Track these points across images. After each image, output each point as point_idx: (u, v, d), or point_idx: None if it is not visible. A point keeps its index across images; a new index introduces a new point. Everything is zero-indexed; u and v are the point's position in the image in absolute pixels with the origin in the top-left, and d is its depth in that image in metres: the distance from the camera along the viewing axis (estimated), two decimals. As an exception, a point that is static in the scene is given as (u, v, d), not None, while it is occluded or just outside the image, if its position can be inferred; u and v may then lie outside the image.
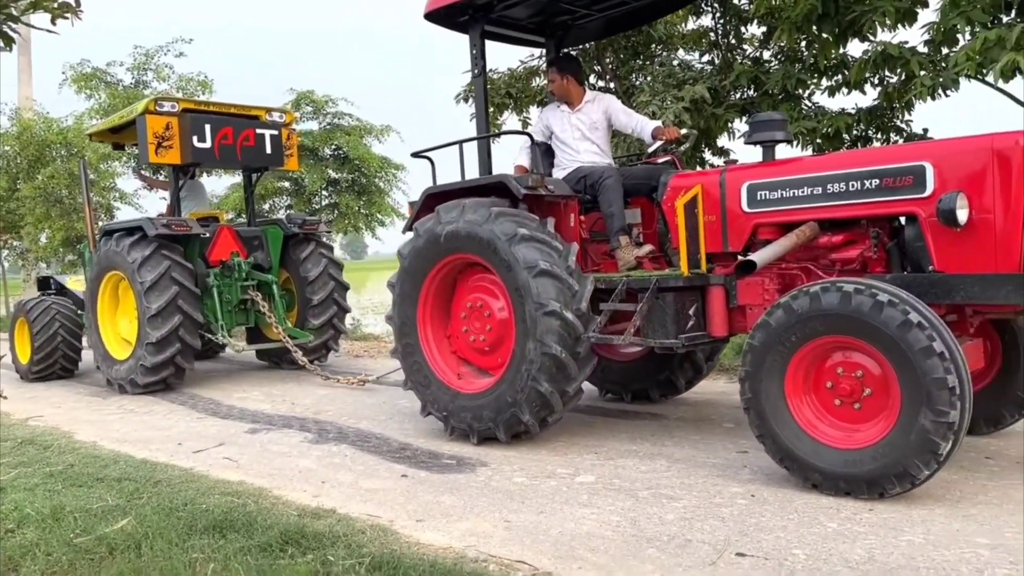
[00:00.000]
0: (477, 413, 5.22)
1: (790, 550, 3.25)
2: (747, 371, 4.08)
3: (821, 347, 3.91)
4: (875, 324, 3.64)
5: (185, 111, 8.49)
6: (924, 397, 3.53)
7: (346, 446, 5.47)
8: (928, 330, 3.55)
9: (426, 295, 5.56)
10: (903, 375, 3.61)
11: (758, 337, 4.04)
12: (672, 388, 6.37)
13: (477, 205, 5.20)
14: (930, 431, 3.52)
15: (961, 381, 3.53)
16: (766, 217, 4.62)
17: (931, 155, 4.04)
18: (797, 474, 3.98)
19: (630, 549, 3.35)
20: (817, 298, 3.83)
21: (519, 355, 4.98)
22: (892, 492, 3.70)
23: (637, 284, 4.94)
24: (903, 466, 3.61)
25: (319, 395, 7.65)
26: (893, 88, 7.38)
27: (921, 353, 3.53)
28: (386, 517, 3.91)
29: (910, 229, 4.18)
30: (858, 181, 4.24)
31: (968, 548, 3.15)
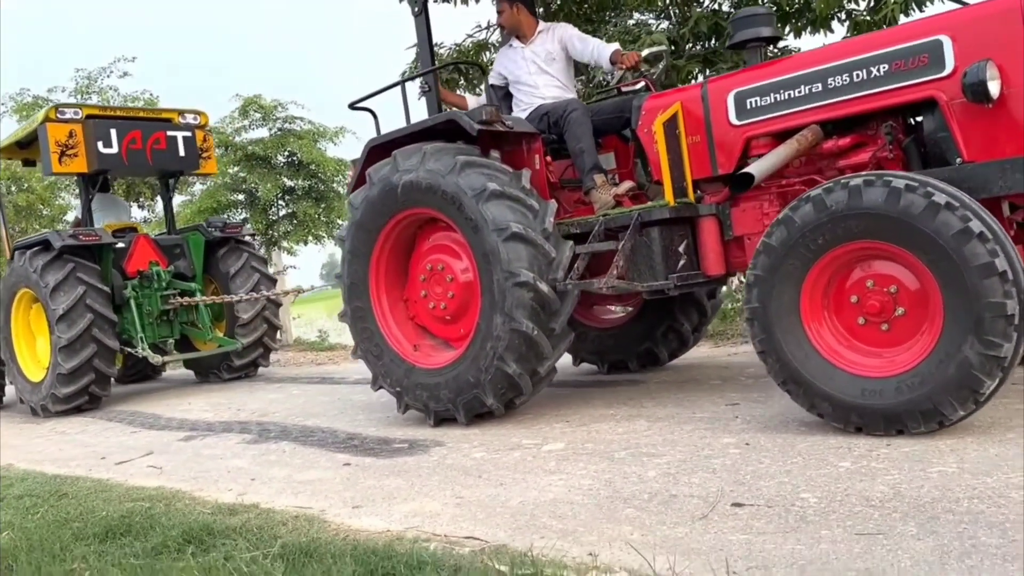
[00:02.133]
0: (434, 392, 4.57)
1: (797, 495, 2.64)
2: (757, 275, 3.42)
3: (852, 253, 3.27)
4: (927, 231, 2.98)
5: (89, 117, 7.99)
6: (973, 323, 2.91)
7: (287, 443, 4.82)
8: (991, 243, 2.91)
9: (380, 253, 4.85)
10: (950, 295, 2.98)
11: (776, 235, 3.36)
12: (653, 359, 5.74)
13: (441, 152, 4.49)
14: (974, 365, 2.91)
15: (1022, 309, 2.91)
16: (759, 127, 3.97)
17: (947, 27, 3.41)
18: (801, 400, 3.36)
19: (603, 512, 2.74)
20: (858, 193, 3.14)
21: (484, 330, 4.31)
22: (914, 430, 3.09)
23: (617, 222, 4.26)
24: (934, 402, 3.01)
25: (268, 399, 6.99)
26: (863, 19, 6.88)
27: (979, 270, 2.89)
28: (317, 507, 3.28)
29: (930, 118, 3.55)
30: (863, 70, 3.60)
31: (1014, 473, 2.58)
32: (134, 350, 7.94)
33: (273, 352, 9.40)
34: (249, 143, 14.18)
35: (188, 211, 14.19)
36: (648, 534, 2.45)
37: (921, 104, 3.55)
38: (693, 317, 5.56)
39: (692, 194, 4.12)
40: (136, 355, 8.09)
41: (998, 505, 2.32)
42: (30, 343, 8.17)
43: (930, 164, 3.59)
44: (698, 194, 4.20)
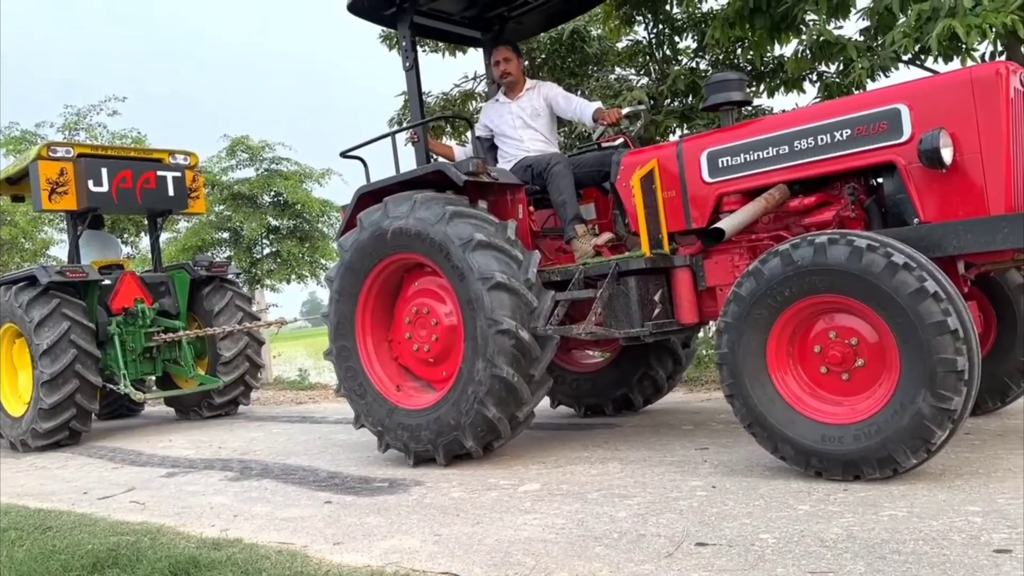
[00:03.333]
0: (415, 433, 4.69)
1: (757, 535, 2.80)
2: (727, 322, 3.61)
3: (816, 306, 3.46)
4: (886, 288, 3.18)
5: (81, 156, 8.13)
6: (927, 377, 3.09)
7: (268, 480, 4.91)
8: (945, 303, 3.11)
9: (367, 294, 5.00)
10: (906, 349, 3.16)
11: (746, 286, 3.56)
12: (629, 405, 5.90)
13: (431, 201, 4.66)
14: (927, 416, 3.09)
15: (971, 365, 3.10)
16: (730, 185, 4.19)
17: (905, 96, 3.66)
18: (766, 443, 3.53)
19: (575, 550, 2.88)
20: (823, 250, 3.33)
21: (466, 374, 4.46)
22: (869, 476, 3.27)
23: (596, 271, 4.44)
24: (888, 450, 3.19)
25: (249, 437, 7.05)
26: (832, 81, 7.21)
27: (933, 328, 3.08)
28: (299, 543, 3.39)
29: (889, 181, 3.78)
30: (827, 134, 3.84)
31: (958, 517, 2.75)
32: (116, 387, 8.00)
33: (254, 390, 9.46)
34: (235, 182, 14.38)
35: (173, 248, 14.31)
36: (616, 571, 2.59)
37: (881, 167, 3.79)
38: (668, 365, 5.74)
39: (667, 246, 4.33)
40: (116, 391, 8.14)
41: (941, 547, 2.49)
42: (12, 378, 8.18)
43: (889, 223, 3.82)
44: (673, 246, 4.40)
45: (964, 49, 5.63)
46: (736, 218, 4.02)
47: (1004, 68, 3.47)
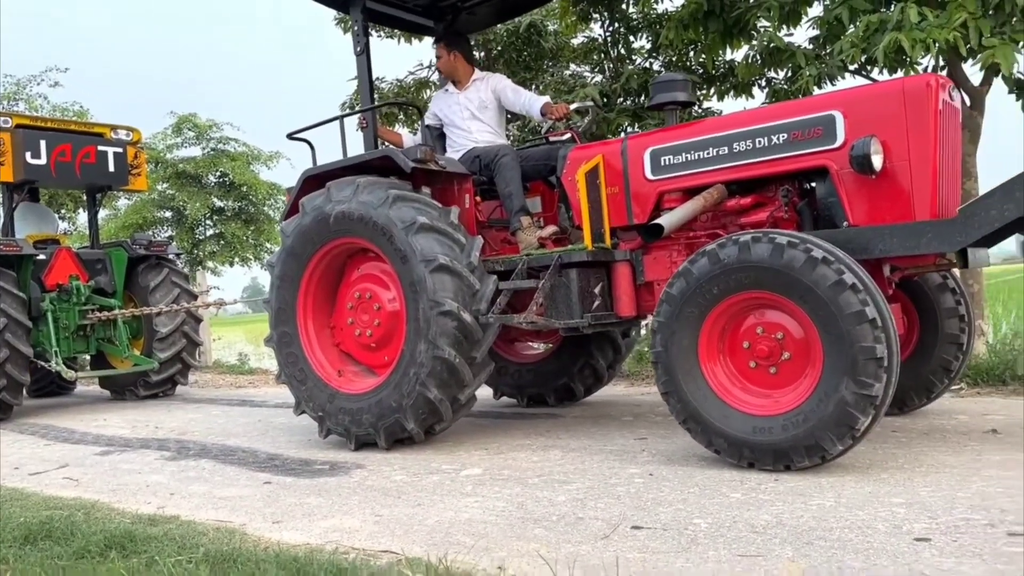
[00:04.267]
0: (356, 417, 4.69)
1: (691, 520, 2.89)
2: (660, 321, 3.71)
3: (743, 303, 3.58)
4: (806, 282, 3.31)
5: (19, 127, 7.94)
6: (849, 366, 3.22)
7: (206, 460, 4.86)
8: (862, 293, 3.24)
9: (309, 280, 4.97)
10: (828, 340, 3.29)
11: (677, 286, 3.66)
12: (570, 394, 5.98)
13: (374, 185, 4.67)
14: (850, 403, 3.22)
15: (891, 353, 3.24)
16: (671, 183, 4.30)
17: (840, 103, 3.80)
18: (700, 437, 3.64)
19: (515, 531, 2.92)
20: (747, 248, 3.46)
21: (408, 356, 4.47)
22: (800, 465, 3.39)
23: (539, 262, 4.51)
24: (816, 439, 3.30)
25: (187, 418, 6.95)
26: (780, 87, 7.39)
27: (852, 317, 3.21)
28: (238, 521, 3.37)
29: (822, 184, 3.92)
30: (765, 137, 3.97)
31: (883, 508, 2.87)
32: (47, 364, 7.79)
33: (192, 370, 9.30)
34: (180, 161, 14.07)
35: (112, 225, 13.95)
36: (554, 550, 2.65)
37: (814, 171, 3.93)
38: (608, 354, 5.84)
39: (609, 240, 4.42)
40: (48, 368, 7.93)
41: (865, 535, 2.60)
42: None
43: (821, 226, 3.95)
44: (615, 241, 4.50)
45: (908, 62, 5.83)
46: (675, 215, 4.12)
47: (934, 80, 3.63)
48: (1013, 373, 5.20)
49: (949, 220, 3.52)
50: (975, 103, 6.20)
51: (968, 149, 6.24)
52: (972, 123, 6.18)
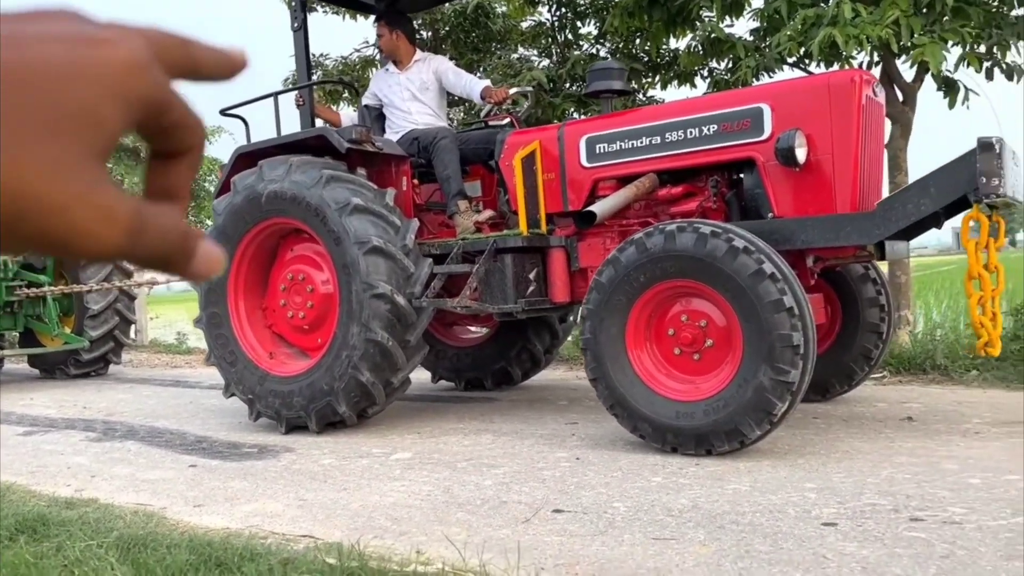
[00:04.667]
0: (287, 399, 4.64)
1: (611, 503, 2.94)
2: (590, 309, 3.75)
3: (669, 291, 3.65)
4: (727, 271, 3.39)
5: None
6: (767, 353, 3.30)
7: (132, 442, 4.77)
8: (781, 283, 3.32)
9: (240, 260, 4.89)
10: (748, 328, 3.37)
11: (606, 274, 3.71)
12: (507, 378, 6.01)
13: (307, 164, 4.59)
14: (768, 389, 3.30)
15: (807, 340, 3.32)
16: (605, 171, 4.34)
17: (768, 96, 3.88)
18: (626, 423, 3.70)
19: (438, 515, 2.94)
20: (672, 237, 3.54)
21: (340, 339, 4.43)
22: (720, 449, 3.47)
23: (475, 247, 4.51)
24: (735, 423, 3.39)
25: (117, 399, 6.80)
26: (722, 77, 7.48)
27: (770, 306, 3.29)
28: (159, 505, 3.32)
29: (749, 176, 4.00)
30: (696, 128, 4.03)
31: (795, 492, 2.96)
32: None
33: (126, 349, 9.09)
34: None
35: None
36: (475, 535, 2.67)
37: (743, 163, 4.01)
38: (545, 339, 5.88)
39: (545, 226, 4.44)
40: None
41: (776, 519, 2.68)
42: None
43: (747, 216, 4.04)
44: (551, 227, 4.51)
45: (843, 57, 5.96)
46: (607, 203, 4.17)
47: (859, 76, 3.72)
48: (933, 362, 5.38)
49: (868, 213, 3.62)
50: (907, 99, 6.35)
51: (899, 144, 6.41)
52: (904, 118, 6.34)
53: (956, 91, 5.96)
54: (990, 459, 3.25)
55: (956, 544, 2.34)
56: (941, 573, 2.14)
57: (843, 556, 2.31)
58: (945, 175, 3.46)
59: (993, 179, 3.31)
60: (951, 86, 5.97)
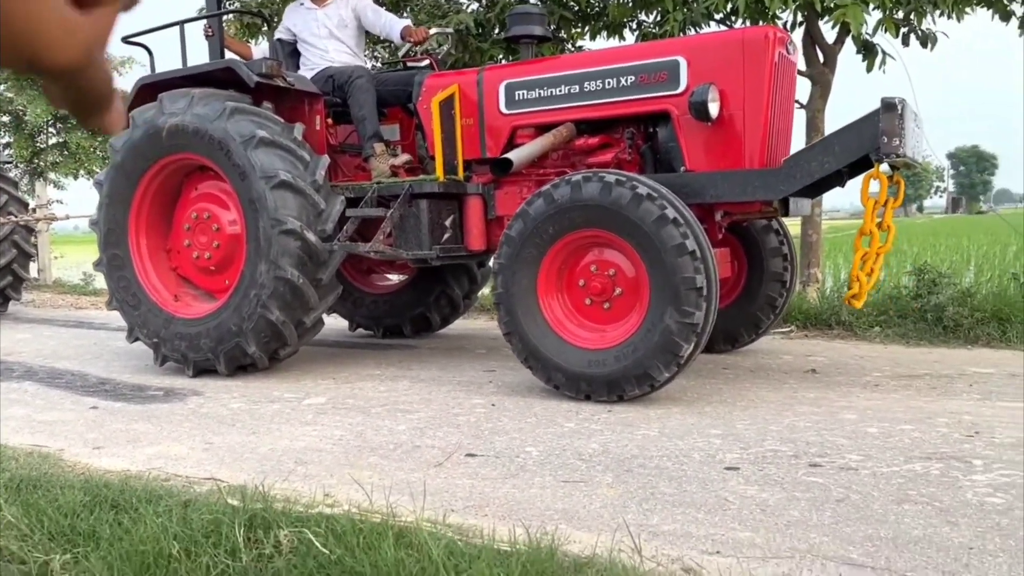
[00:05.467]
0: (194, 342, 4.49)
1: (523, 448, 2.96)
2: (501, 263, 3.75)
3: (578, 241, 3.66)
4: (632, 218, 3.43)
5: None
6: (671, 296, 3.36)
7: (30, 383, 4.56)
8: (683, 227, 3.37)
9: (142, 199, 4.67)
10: (653, 273, 3.42)
11: (515, 227, 3.71)
12: (426, 324, 5.97)
13: (210, 97, 4.39)
14: (674, 332, 3.37)
15: (710, 282, 3.39)
16: (524, 119, 4.29)
17: (685, 50, 3.88)
18: (540, 374, 3.72)
19: (349, 459, 2.90)
20: (578, 187, 3.55)
21: (248, 278, 4.30)
22: (631, 394, 3.53)
23: (389, 191, 4.41)
24: (644, 368, 3.45)
25: (16, 339, 6.49)
26: (649, 31, 7.46)
27: (674, 250, 3.35)
28: (55, 446, 3.19)
29: (664, 129, 4.02)
30: (614, 79, 4.01)
31: (701, 438, 3.03)
32: None
33: (26, 285, 8.65)
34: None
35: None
36: (386, 478, 2.65)
37: (658, 115, 4.03)
38: (464, 284, 5.87)
39: (462, 173, 4.38)
40: None
41: (681, 463, 2.74)
42: None
43: (661, 169, 4.08)
44: (468, 174, 4.46)
45: (769, 15, 6.00)
46: (524, 151, 4.14)
47: (772, 33, 3.76)
48: (838, 318, 5.58)
49: (775, 170, 3.70)
50: (827, 60, 6.47)
51: (818, 104, 6.54)
52: (823, 79, 6.46)
53: (875, 55, 6.09)
54: (887, 410, 3.40)
55: (851, 489, 2.44)
56: (836, 515, 2.22)
57: (744, 499, 2.38)
58: (849, 134, 3.55)
59: (894, 139, 3.41)
60: (870, 49, 6.10)
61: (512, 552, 1.78)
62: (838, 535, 2.09)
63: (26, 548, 1.95)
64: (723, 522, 2.20)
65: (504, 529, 2.05)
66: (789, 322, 5.74)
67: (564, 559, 1.85)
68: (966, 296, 5.36)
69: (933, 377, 4.05)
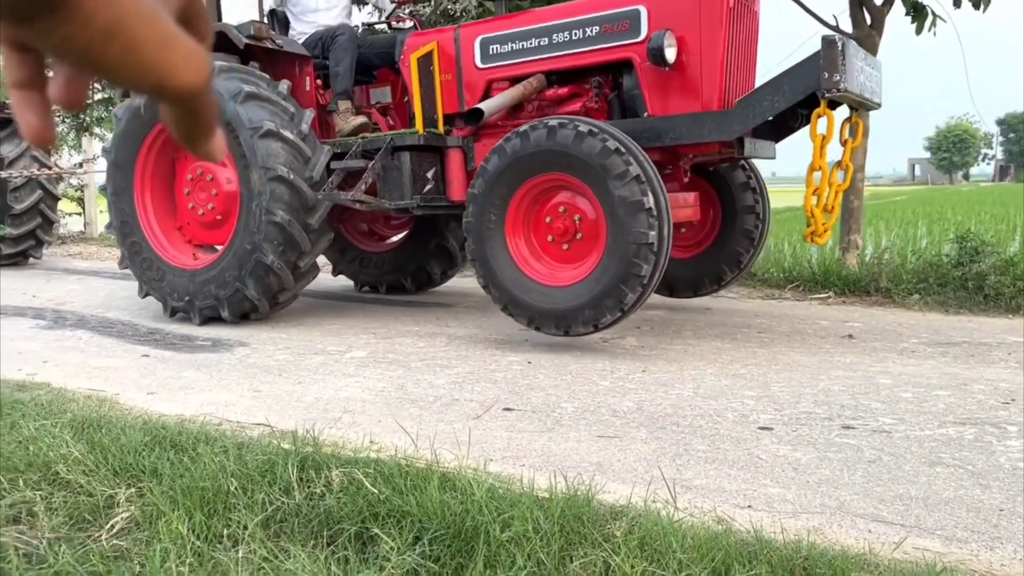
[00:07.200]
0: (200, 290, 4.74)
1: (559, 404, 3.03)
2: (474, 193, 3.99)
3: (548, 183, 3.87)
4: (578, 155, 3.63)
5: None
6: (624, 248, 3.57)
7: (84, 331, 4.74)
8: (644, 185, 3.55)
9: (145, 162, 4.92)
10: (611, 223, 3.64)
11: (492, 161, 3.94)
12: (427, 278, 6.13)
13: None
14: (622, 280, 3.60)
15: (662, 239, 3.58)
16: (498, 72, 4.47)
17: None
18: (497, 301, 4.01)
19: (391, 409, 3.01)
20: (553, 132, 3.75)
21: (243, 225, 4.55)
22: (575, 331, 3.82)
23: (373, 144, 4.61)
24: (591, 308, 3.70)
25: (67, 289, 6.71)
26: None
27: (633, 205, 3.54)
28: (111, 391, 3.33)
29: (628, 77, 4.16)
30: (580, 30, 4.17)
31: (735, 399, 3.08)
32: None
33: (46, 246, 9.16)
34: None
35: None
36: (426, 427, 2.74)
37: (622, 64, 4.16)
38: (459, 235, 5.86)
39: (442, 127, 4.55)
40: None
41: (715, 422, 2.80)
42: None
43: (626, 116, 4.23)
44: (448, 128, 4.62)
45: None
46: (495, 101, 4.31)
47: None
48: (877, 285, 5.55)
49: (728, 111, 3.83)
50: (875, 23, 6.34)
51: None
52: (870, 42, 6.34)
53: (924, 16, 5.96)
54: (923, 376, 3.41)
55: (884, 451, 2.48)
56: (868, 475, 2.27)
57: (776, 457, 2.43)
58: (796, 72, 3.65)
59: (835, 74, 3.52)
60: (919, 11, 5.97)
61: (551, 498, 1.86)
62: (869, 494, 2.14)
63: (93, 482, 2.07)
64: (755, 479, 2.26)
65: (542, 478, 2.13)
66: (827, 288, 5.73)
67: (600, 506, 1.92)
68: (1009, 265, 5.30)
69: (971, 345, 4.04)
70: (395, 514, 1.78)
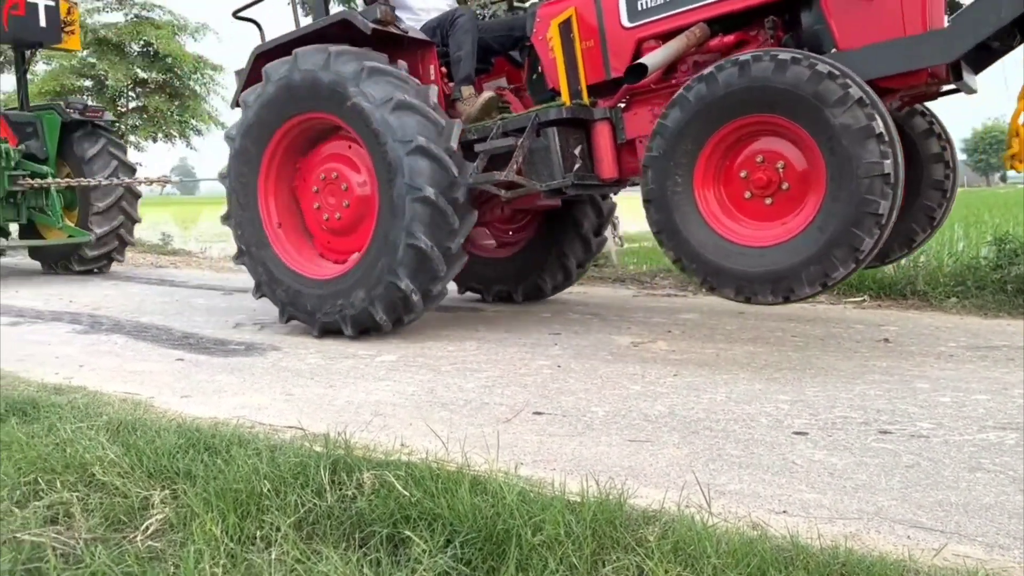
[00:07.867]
0: (321, 302, 4.52)
1: (589, 408, 3.02)
2: (653, 156, 3.54)
3: (730, 137, 3.44)
4: (784, 87, 3.18)
5: None
6: (854, 185, 3.10)
7: (119, 336, 4.81)
8: (869, 108, 3.10)
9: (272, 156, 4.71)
10: (832, 161, 3.15)
11: (672, 116, 3.48)
12: (538, 292, 5.77)
13: (345, 54, 4.34)
14: (855, 223, 3.12)
15: (896, 167, 3.13)
16: (650, 28, 4.04)
17: None
18: (725, 289, 3.49)
19: (421, 412, 3.01)
20: (747, 67, 3.27)
21: (380, 243, 4.27)
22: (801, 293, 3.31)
23: (514, 124, 4.25)
24: (819, 262, 3.21)
25: (102, 294, 6.82)
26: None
27: (859, 133, 3.09)
28: (146, 394, 3.37)
29: (807, 12, 3.69)
30: None
31: (769, 404, 3.04)
32: None
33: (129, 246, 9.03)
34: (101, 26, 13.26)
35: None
36: (456, 431, 2.74)
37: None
38: (579, 252, 5.65)
39: (587, 98, 4.20)
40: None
41: (748, 427, 2.76)
42: None
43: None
44: (592, 100, 4.26)
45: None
46: (659, 55, 3.85)
47: None
48: (914, 288, 5.46)
49: (941, 30, 3.38)
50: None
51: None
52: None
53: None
54: (961, 380, 3.35)
55: (922, 456, 2.43)
56: (906, 481, 2.23)
57: (812, 462, 2.40)
58: None
59: None
60: (956, 10, 5.84)
61: (582, 502, 1.85)
62: (907, 500, 2.09)
63: (128, 484, 2.09)
64: (790, 484, 2.23)
65: (573, 482, 2.12)
66: (862, 291, 5.65)
67: (632, 511, 1.91)
68: (1050, 268, 5.18)
69: (1011, 348, 3.95)
70: (426, 517, 1.78)
